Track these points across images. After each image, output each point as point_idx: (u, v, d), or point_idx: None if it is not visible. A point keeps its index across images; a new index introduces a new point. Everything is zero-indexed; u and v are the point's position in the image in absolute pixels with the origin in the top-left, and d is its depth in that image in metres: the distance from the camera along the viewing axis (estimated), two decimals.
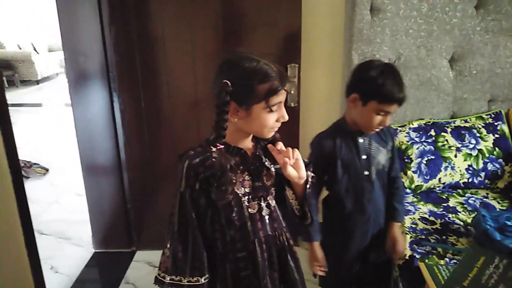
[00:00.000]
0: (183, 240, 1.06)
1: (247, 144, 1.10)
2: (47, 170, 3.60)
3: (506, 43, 2.00)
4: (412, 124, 2.00)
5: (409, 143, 1.92)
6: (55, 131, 4.88)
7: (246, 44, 2.05)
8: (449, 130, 1.99)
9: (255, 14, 2.00)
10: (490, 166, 1.96)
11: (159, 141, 2.20)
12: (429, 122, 2.02)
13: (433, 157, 1.90)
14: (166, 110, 2.14)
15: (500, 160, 1.97)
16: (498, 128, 2.02)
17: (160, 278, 1.08)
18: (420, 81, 2.03)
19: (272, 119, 1.01)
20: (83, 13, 1.98)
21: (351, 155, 1.44)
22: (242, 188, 1.07)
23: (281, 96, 1.00)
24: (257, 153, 1.10)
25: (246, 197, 1.08)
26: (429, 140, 1.93)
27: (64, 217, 2.83)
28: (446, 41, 1.98)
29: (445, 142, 1.92)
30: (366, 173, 1.45)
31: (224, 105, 0.97)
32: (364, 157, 1.44)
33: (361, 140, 1.44)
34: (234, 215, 1.07)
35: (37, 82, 7.71)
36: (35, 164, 3.59)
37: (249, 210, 1.09)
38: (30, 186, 3.33)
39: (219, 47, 2.04)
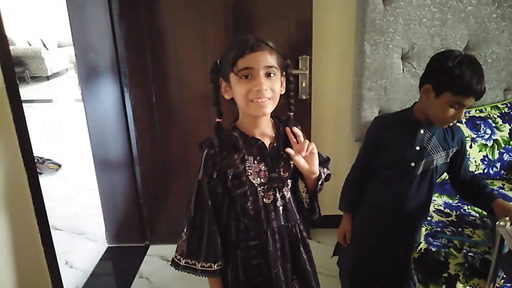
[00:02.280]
0: (199, 226, 1.09)
1: (266, 134, 1.10)
2: (59, 165, 3.63)
3: None
4: None
5: None
6: (66, 126, 4.92)
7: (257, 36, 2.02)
8: (464, 120, 1.96)
9: (266, 6, 1.98)
10: (506, 157, 1.93)
11: (170, 136, 2.19)
12: None
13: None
14: (178, 105, 2.14)
15: None
16: None
17: (176, 260, 1.13)
18: None
19: (244, 88, 0.98)
20: (93, 9, 1.97)
21: (404, 143, 1.39)
22: (258, 179, 1.08)
23: (251, 61, 0.97)
24: (275, 145, 1.10)
25: (262, 187, 1.09)
26: None
27: (77, 212, 2.85)
28: (460, 29, 1.94)
29: None
30: (412, 164, 1.39)
31: (212, 81, 1.06)
32: (417, 148, 1.37)
33: (421, 131, 1.37)
34: (249, 204, 1.08)
35: (47, 78, 7.77)
36: (48, 160, 3.62)
37: (264, 200, 1.10)
38: (43, 182, 3.28)
39: (230, 40, 2.02)
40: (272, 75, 0.99)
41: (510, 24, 1.94)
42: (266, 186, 1.09)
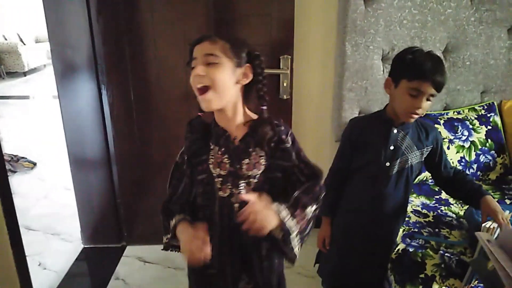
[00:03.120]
0: (172, 206, 1.13)
1: (236, 127, 1.08)
2: (34, 164, 3.53)
3: (500, 34, 2.00)
4: None
5: None
6: (43, 124, 4.80)
7: (238, 35, 2.00)
8: (442, 122, 1.98)
9: (247, 4, 1.95)
10: (482, 158, 1.96)
11: (149, 135, 2.15)
12: (422, 114, 2.01)
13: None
14: (156, 103, 2.10)
15: (493, 151, 1.97)
16: (491, 119, 2.02)
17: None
18: None
19: (191, 77, 1.02)
20: (70, 3, 1.91)
21: (378, 143, 1.39)
22: (218, 169, 1.07)
23: (195, 52, 1.03)
24: (243, 139, 1.08)
25: (220, 179, 1.07)
26: None
27: (52, 212, 2.78)
28: (440, 32, 1.96)
29: None
30: (387, 164, 1.39)
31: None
32: (391, 147, 1.38)
33: (395, 131, 1.38)
34: (201, 190, 1.08)
35: (24, 74, 7.57)
36: (23, 158, 3.52)
37: (220, 192, 1.08)
38: (18, 181, 3.27)
39: None
40: (211, 63, 1.00)
41: (487, 28, 1.97)
42: (223, 179, 1.07)
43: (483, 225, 1.25)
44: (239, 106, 1.07)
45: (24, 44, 7.60)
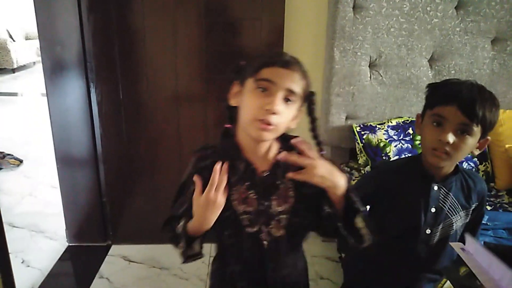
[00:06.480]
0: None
1: (263, 159, 0.95)
2: (21, 161, 3.49)
3: (484, 45, 2.04)
4: (391, 122, 2.02)
5: (387, 140, 1.94)
6: (31, 121, 4.75)
7: (228, 38, 2.02)
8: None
9: (238, 8, 1.98)
10: (465, 165, 1.99)
11: (137, 134, 2.15)
12: (408, 120, 2.05)
13: (410, 155, 1.92)
14: (145, 103, 2.10)
15: (475, 159, 2.01)
16: None
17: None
18: (399, 80, 2.05)
19: (255, 101, 0.88)
20: (61, 0, 1.91)
21: (416, 204, 1.11)
22: (243, 206, 0.94)
23: (276, 75, 0.88)
24: (270, 173, 0.95)
25: (247, 216, 0.94)
26: (407, 138, 1.96)
27: (38, 209, 2.75)
28: (426, 40, 2.00)
29: None
30: (428, 231, 1.12)
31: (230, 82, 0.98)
32: (432, 210, 1.10)
33: (435, 188, 1.10)
34: (226, 233, 0.96)
35: (13, 70, 7.48)
36: (9, 154, 3.48)
37: (248, 229, 0.95)
38: (3, 178, 3.24)
39: (202, 41, 2.01)
40: (290, 101, 0.87)
41: (472, 38, 2.02)
42: (251, 216, 0.94)
43: None
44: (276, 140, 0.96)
45: (14, 41, 7.51)
